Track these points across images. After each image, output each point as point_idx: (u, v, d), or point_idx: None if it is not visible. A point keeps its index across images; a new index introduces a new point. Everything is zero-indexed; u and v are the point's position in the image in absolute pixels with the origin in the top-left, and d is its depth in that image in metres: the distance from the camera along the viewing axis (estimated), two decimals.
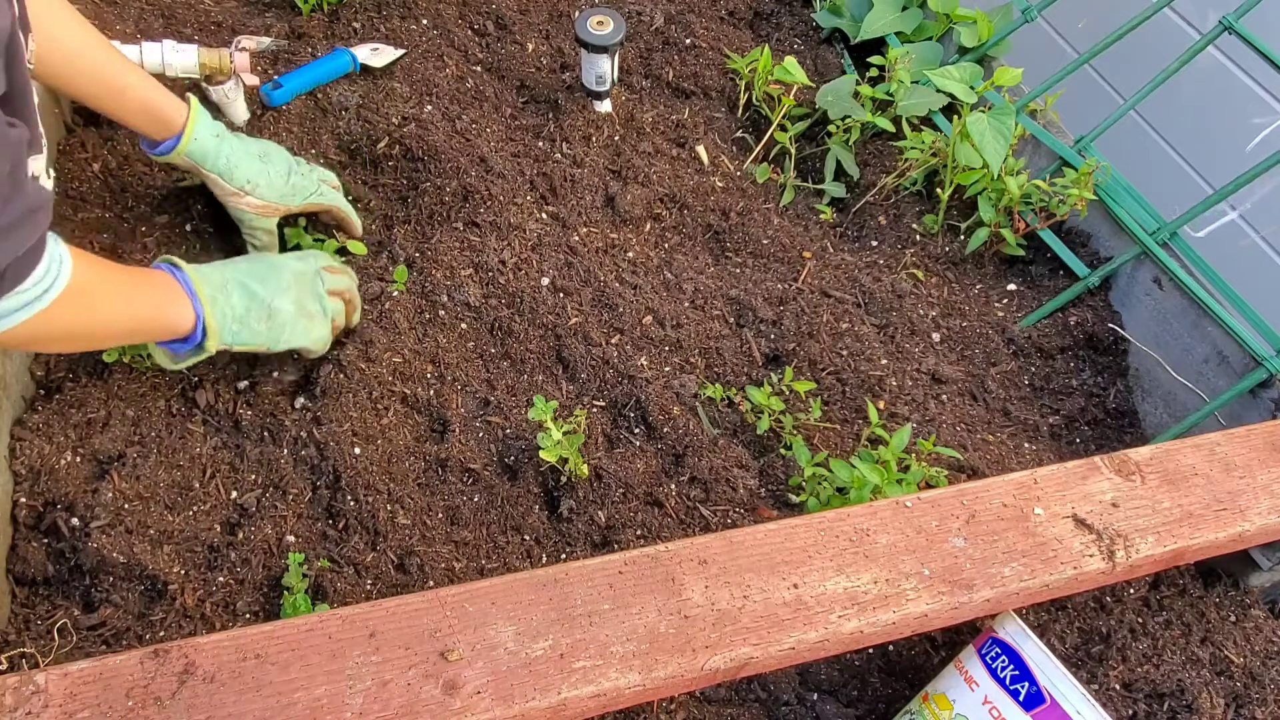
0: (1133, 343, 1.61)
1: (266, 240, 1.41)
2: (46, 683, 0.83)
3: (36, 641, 1.09)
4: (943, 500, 1.10)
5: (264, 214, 1.37)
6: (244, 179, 1.33)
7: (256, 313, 1.21)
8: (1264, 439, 1.24)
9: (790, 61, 1.81)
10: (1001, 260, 1.76)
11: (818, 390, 1.47)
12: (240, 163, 1.33)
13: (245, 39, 1.61)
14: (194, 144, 1.29)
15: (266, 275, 1.24)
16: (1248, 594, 1.34)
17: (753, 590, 0.98)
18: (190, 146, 1.28)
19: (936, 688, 1.14)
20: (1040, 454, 1.48)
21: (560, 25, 1.97)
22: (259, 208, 1.36)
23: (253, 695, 0.85)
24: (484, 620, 0.92)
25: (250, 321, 1.21)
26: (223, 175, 1.32)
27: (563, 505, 1.28)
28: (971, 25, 1.93)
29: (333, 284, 1.32)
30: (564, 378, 1.44)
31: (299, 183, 1.39)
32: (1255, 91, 1.95)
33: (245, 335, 1.21)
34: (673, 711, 1.15)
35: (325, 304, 1.30)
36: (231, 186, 1.33)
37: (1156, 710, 1.20)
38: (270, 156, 1.38)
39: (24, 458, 1.19)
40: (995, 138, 1.63)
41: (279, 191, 1.37)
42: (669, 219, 1.71)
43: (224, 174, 1.32)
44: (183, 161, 1.30)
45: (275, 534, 1.21)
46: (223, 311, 1.18)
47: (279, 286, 1.25)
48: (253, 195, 1.34)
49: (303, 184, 1.40)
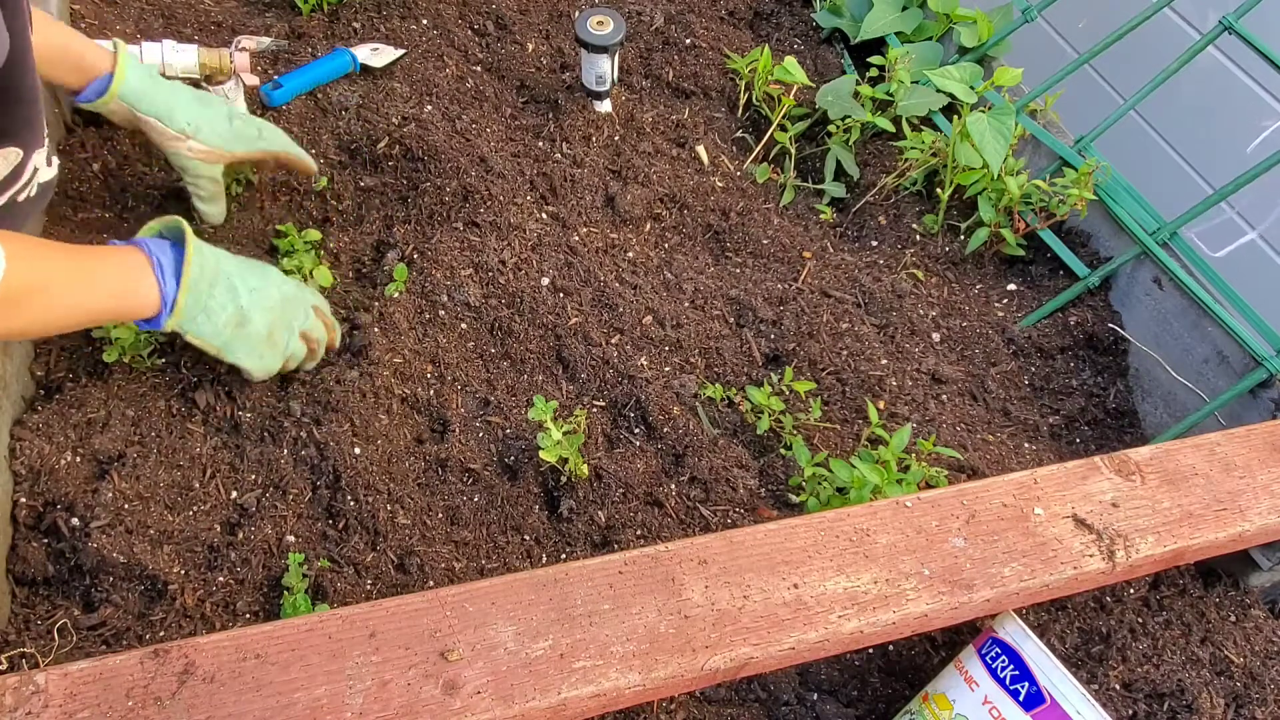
0: (1133, 343, 1.61)
1: (212, 190, 1.34)
2: (46, 683, 0.83)
3: (36, 641, 1.09)
4: (943, 500, 1.10)
5: (208, 160, 1.30)
6: (184, 121, 1.26)
7: (230, 314, 1.17)
8: (1264, 439, 1.24)
9: (790, 61, 1.81)
10: (1001, 260, 1.76)
11: (818, 390, 1.47)
12: (179, 104, 1.26)
13: (245, 39, 1.61)
14: (125, 86, 1.22)
15: (258, 285, 1.20)
16: (1248, 594, 1.34)
17: (753, 590, 0.98)
18: (122, 89, 1.22)
19: (936, 688, 1.14)
20: (1040, 454, 1.48)
21: (560, 25, 1.97)
22: (203, 153, 1.29)
23: (253, 695, 0.85)
24: (484, 620, 0.92)
25: (217, 320, 1.16)
26: (161, 118, 1.24)
27: (563, 505, 1.28)
28: (971, 25, 1.93)
29: (311, 328, 1.28)
30: (564, 378, 1.44)
31: (241, 128, 1.33)
32: (1255, 92, 1.95)
33: (206, 330, 1.15)
34: (673, 711, 1.15)
35: (293, 340, 1.25)
36: (172, 129, 1.25)
37: (1156, 710, 1.20)
38: (208, 100, 1.32)
39: (24, 458, 1.19)
40: (995, 138, 1.63)
41: (222, 135, 1.30)
42: (669, 219, 1.71)
43: (163, 116, 1.25)
44: (117, 108, 1.23)
45: (275, 534, 1.21)
46: (197, 298, 1.13)
47: (264, 302, 1.21)
48: (195, 139, 1.27)
49: (245, 130, 1.34)
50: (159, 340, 1.34)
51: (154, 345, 1.33)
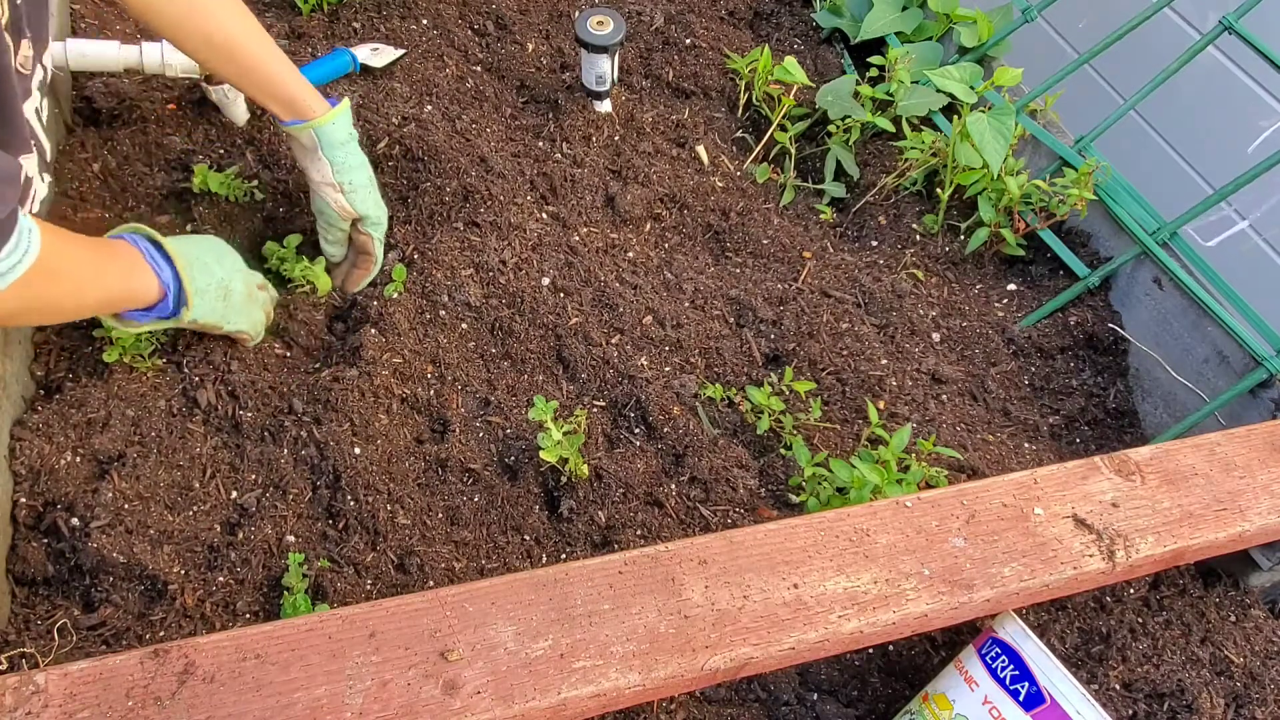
0: (1133, 343, 1.61)
1: (340, 238, 1.45)
2: (46, 683, 0.83)
3: (36, 641, 1.09)
4: (943, 500, 1.10)
5: (344, 216, 1.40)
6: (348, 179, 1.37)
7: (216, 289, 1.24)
8: (1264, 439, 1.24)
9: (790, 61, 1.81)
10: (1001, 260, 1.76)
11: (818, 390, 1.47)
12: (353, 164, 1.37)
13: None
14: (332, 127, 1.32)
15: (221, 256, 1.28)
16: (1248, 594, 1.34)
17: (753, 590, 0.98)
18: (327, 127, 1.32)
19: (936, 688, 1.14)
20: (1040, 454, 1.48)
21: (560, 25, 1.97)
22: (344, 209, 1.39)
23: (253, 695, 0.85)
24: (484, 620, 0.92)
25: (210, 297, 1.23)
26: (334, 165, 1.35)
27: (563, 505, 1.28)
28: (971, 25, 1.93)
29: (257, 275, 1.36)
30: (564, 378, 1.44)
31: (380, 215, 1.44)
32: (1255, 92, 1.95)
33: (205, 309, 1.23)
34: (673, 711, 1.15)
35: (260, 293, 1.35)
36: (334, 179, 1.36)
37: (1156, 710, 1.20)
38: (374, 179, 1.42)
39: (24, 458, 1.19)
40: (995, 138, 1.63)
41: (368, 207, 1.41)
42: (669, 219, 1.71)
43: (336, 165, 1.35)
44: (308, 137, 1.32)
45: (275, 534, 1.21)
46: (195, 283, 1.21)
47: (232, 268, 1.28)
48: (345, 197, 1.37)
49: (381, 218, 1.44)
50: (159, 340, 1.34)
51: (154, 345, 1.33)
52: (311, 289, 1.45)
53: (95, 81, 1.59)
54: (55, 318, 1.19)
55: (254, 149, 1.60)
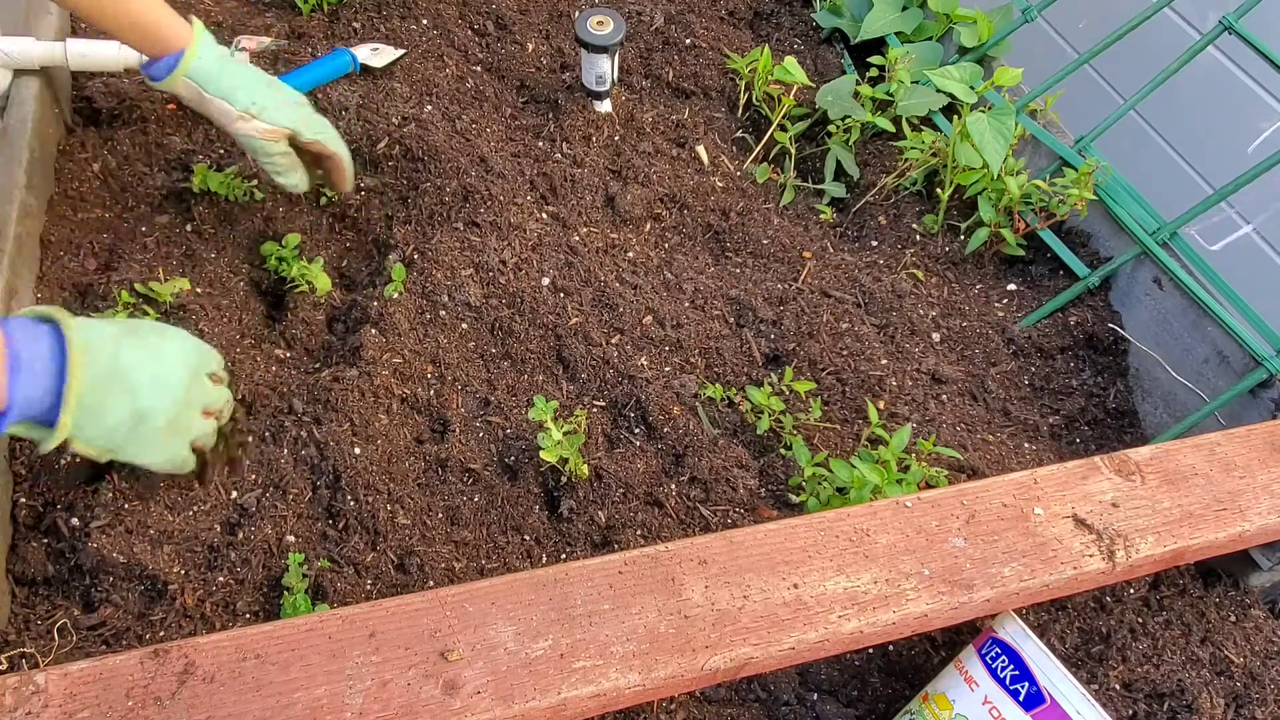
0: (1133, 343, 1.61)
1: (287, 163, 1.33)
2: (46, 683, 0.83)
3: (36, 641, 1.09)
4: (943, 500, 1.10)
5: (273, 138, 1.29)
6: (249, 100, 1.25)
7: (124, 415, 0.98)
8: (1264, 439, 1.24)
9: (790, 61, 1.81)
10: (1001, 260, 1.76)
11: (818, 390, 1.47)
12: (244, 84, 1.26)
13: (245, 39, 1.61)
14: (197, 64, 1.22)
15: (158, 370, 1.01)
16: (1248, 594, 1.34)
17: (753, 590, 0.98)
18: (193, 66, 1.22)
19: (936, 688, 1.14)
20: (1040, 454, 1.48)
21: (560, 25, 1.97)
22: (268, 132, 1.28)
23: (253, 695, 0.85)
24: (484, 620, 0.92)
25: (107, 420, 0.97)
26: (227, 97, 1.24)
27: (563, 505, 1.28)
28: (971, 25, 1.93)
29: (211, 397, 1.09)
30: (564, 378, 1.44)
31: (308, 114, 1.33)
32: (1255, 92, 1.95)
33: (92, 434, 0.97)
34: (673, 711, 1.15)
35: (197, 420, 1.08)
36: (236, 109, 1.25)
37: (1156, 710, 1.20)
38: (278, 85, 1.32)
39: (24, 458, 1.19)
40: (995, 138, 1.63)
41: (289, 117, 1.29)
42: (669, 219, 1.71)
43: (228, 96, 1.24)
44: (185, 89, 1.24)
45: (275, 534, 1.21)
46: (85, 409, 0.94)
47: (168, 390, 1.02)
48: (260, 119, 1.27)
49: (312, 118, 1.34)
50: None
51: None
52: (311, 289, 1.46)
53: (95, 81, 1.59)
54: None
55: None
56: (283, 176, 1.35)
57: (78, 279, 1.39)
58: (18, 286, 1.29)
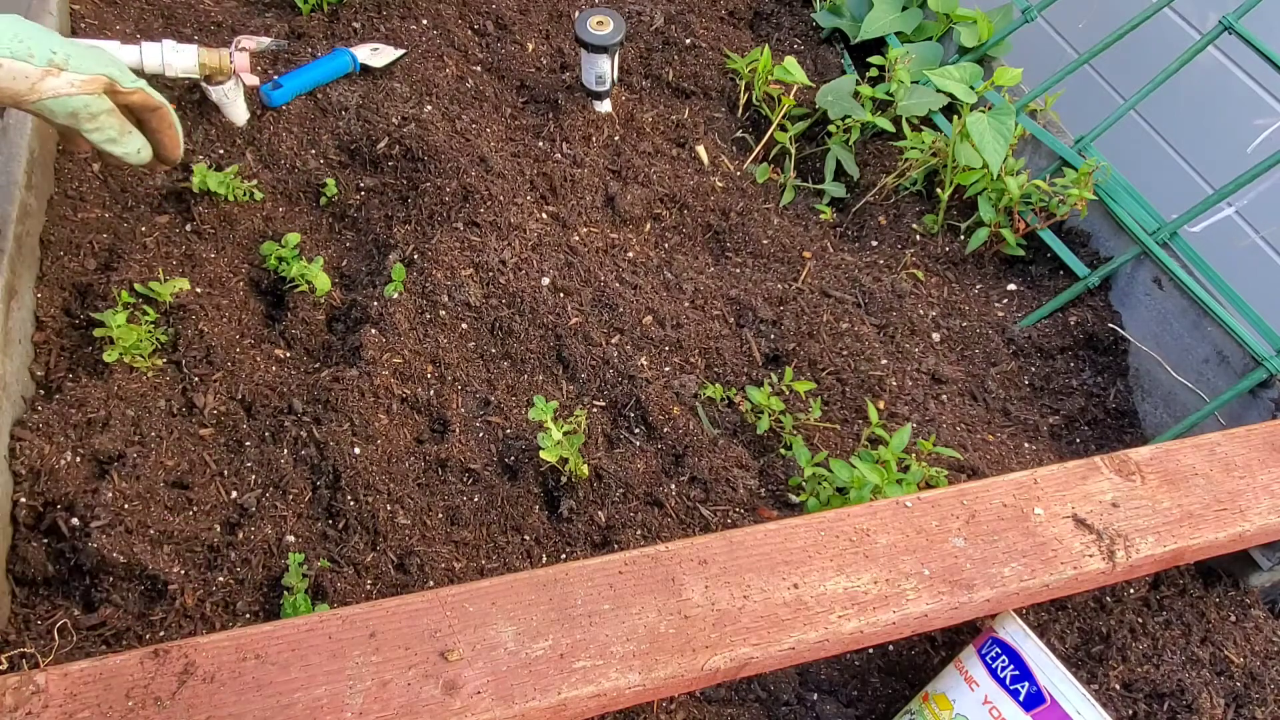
0: (1133, 343, 1.61)
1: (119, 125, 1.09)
2: (46, 683, 0.83)
3: (36, 641, 1.09)
4: (943, 500, 1.09)
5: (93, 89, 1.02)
6: (48, 51, 0.96)
7: None
8: (1264, 439, 1.24)
9: (790, 61, 1.81)
10: (1001, 260, 1.76)
11: (818, 390, 1.47)
12: (35, 33, 0.96)
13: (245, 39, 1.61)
14: None
15: None
16: (1248, 594, 1.34)
17: (753, 590, 0.98)
18: None
19: (936, 688, 1.14)
20: (1040, 454, 1.48)
21: (560, 25, 1.97)
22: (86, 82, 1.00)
23: (253, 695, 0.85)
24: (484, 620, 0.92)
25: None
26: (16, 55, 0.95)
27: (563, 505, 1.28)
28: (971, 25, 1.93)
29: None
30: (564, 378, 1.44)
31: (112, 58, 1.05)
32: (1255, 92, 1.95)
33: None
34: (673, 711, 1.15)
35: None
36: (37, 66, 0.95)
37: (1156, 710, 1.20)
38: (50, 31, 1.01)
39: (24, 458, 1.19)
40: (995, 138, 1.63)
41: (101, 62, 1.02)
42: (669, 219, 1.71)
43: (20, 53, 0.95)
44: None
45: (275, 534, 1.21)
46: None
47: None
48: (70, 70, 0.98)
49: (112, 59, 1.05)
50: (159, 340, 1.34)
51: (155, 345, 1.33)
52: (311, 288, 1.46)
53: None
54: None
55: (254, 149, 1.60)
56: (119, 145, 1.09)
57: (77, 279, 1.39)
58: (18, 286, 1.29)
